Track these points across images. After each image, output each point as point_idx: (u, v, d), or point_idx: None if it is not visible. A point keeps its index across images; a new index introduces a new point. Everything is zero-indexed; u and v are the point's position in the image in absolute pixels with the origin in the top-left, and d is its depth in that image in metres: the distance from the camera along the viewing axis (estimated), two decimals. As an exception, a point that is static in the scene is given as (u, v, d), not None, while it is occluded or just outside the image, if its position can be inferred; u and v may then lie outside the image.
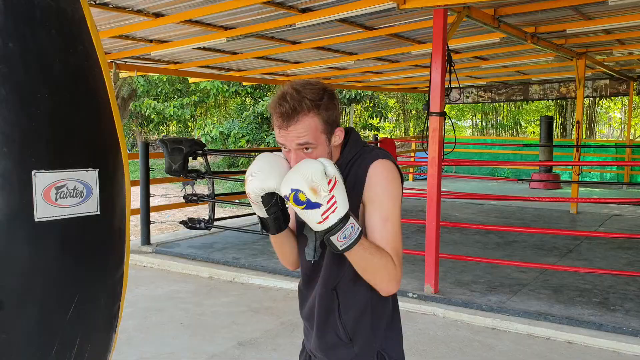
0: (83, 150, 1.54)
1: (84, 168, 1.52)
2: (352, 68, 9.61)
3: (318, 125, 1.53)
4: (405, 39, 7.09)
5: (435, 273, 4.96)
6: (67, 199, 1.48)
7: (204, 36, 6.19)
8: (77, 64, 1.55)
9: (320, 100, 1.52)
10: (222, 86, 17.91)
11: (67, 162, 1.49)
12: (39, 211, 1.43)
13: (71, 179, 1.49)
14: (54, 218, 1.46)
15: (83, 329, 1.58)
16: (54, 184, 1.45)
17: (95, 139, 1.58)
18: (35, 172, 1.42)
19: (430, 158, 4.96)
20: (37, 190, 1.42)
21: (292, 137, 1.51)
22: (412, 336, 4.20)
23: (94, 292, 1.60)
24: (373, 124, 20.58)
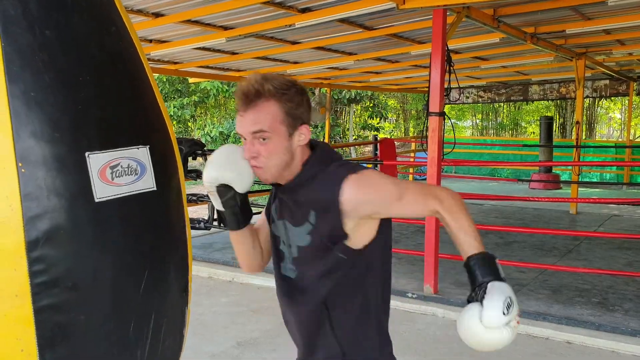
0: (132, 129, 1.57)
1: (135, 146, 1.54)
2: (351, 68, 9.61)
3: (277, 114, 1.43)
4: (404, 39, 7.09)
5: (435, 273, 4.96)
6: (123, 177, 1.50)
7: (204, 36, 6.19)
8: (113, 45, 1.58)
9: (286, 90, 1.44)
10: (222, 86, 17.91)
11: (117, 141, 1.51)
12: (97, 191, 1.45)
13: (124, 157, 1.51)
14: (114, 197, 1.48)
15: (157, 304, 1.61)
16: (109, 164, 1.48)
17: (142, 117, 1.61)
18: (88, 154, 1.44)
19: (430, 158, 4.96)
20: (92, 171, 1.44)
21: (248, 123, 1.43)
22: (412, 336, 4.20)
23: (162, 266, 1.63)
24: (373, 124, 20.59)
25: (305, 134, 1.49)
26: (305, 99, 1.49)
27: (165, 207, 1.66)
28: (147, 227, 1.59)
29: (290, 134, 1.46)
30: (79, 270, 1.45)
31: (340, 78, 11.28)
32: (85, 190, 1.44)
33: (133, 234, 1.55)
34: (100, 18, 1.57)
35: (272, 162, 1.46)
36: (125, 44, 1.63)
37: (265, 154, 1.45)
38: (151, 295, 1.59)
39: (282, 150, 1.45)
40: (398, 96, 22.36)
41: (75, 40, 1.49)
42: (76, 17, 1.51)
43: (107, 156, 1.48)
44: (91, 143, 1.46)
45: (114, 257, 1.51)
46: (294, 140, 1.47)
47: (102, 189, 1.46)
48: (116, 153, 1.50)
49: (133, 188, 1.53)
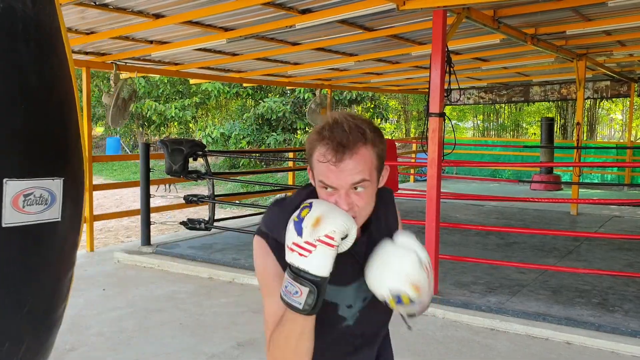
0: (52, 160, 1.59)
1: (51, 177, 1.56)
2: (352, 69, 9.62)
3: (374, 160, 1.30)
4: (405, 40, 7.09)
5: (435, 274, 4.95)
6: (33, 206, 1.52)
7: (205, 37, 6.20)
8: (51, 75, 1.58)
9: (373, 132, 1.31)
10: (223, 88, 17.96)
11: (37, 171, 1.53)
12: (6, 217, 1.47)
13: (39, 187, 1.53)
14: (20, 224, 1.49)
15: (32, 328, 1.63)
16: (23, 192, 1.50)
17: (63, 149, 1.61)
18: (6, 180, 1.46)
19: (430, 159, 4.96)
20: (6, 197, 1.46)
21: (348, 174, 1.26)
22: (411, 337, 4.20)
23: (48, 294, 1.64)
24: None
25: (385, 175, 1.39)
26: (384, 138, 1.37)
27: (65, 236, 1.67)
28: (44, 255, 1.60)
29: (379, 179, 1.36)
30: None
31: (341, 79, 11.28)
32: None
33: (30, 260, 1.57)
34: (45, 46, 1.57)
35: (366, 211, 1.33)
36: (63, 73, 1.63)
37: (361, 204, 1.30)
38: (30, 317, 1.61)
39: (373, 197, 1.34)
40: (399, 97, 22.37)
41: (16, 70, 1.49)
42: (22, 45, 1.50)
43: (23, 184, 1.50)
44: (12, 170, 1.48)
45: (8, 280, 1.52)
46: (379, 183, 1.37)
47: (11, 215, 1.48)
48: (33, 182, 1.52)
49: (40, 217, 1.55)
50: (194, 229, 6.65)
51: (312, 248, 1.21)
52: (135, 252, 6.60)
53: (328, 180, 1.28)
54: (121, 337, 4.21)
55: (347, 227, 1.23)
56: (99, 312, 4.73)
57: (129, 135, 23.30)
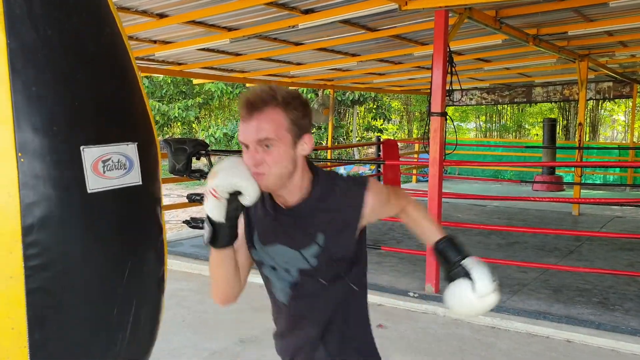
0: (122, 126, 1.66)
1: (125, 142, 1.64)
2: (355, 69, 9.65)
3: (283, 121, 1.43)
4: (407, 41, 7.12)
5: (436, 273, 4.99)
6: (113, 171, 1.59)
7: (208, 37, 6.24)
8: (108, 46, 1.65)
9: (291, 100, 1.45)
10: (226, 88, 18.00)
11: (110, 137, 1.60)
12: (90, 183, 1.54)
13: (115, 152, 1.61)
14: (104, 189, 1.58)
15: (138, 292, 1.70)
16: (101, 158, 1.57)
17: (132, 115, 1.68)
18: (83, 148, 1.53)
19: (432, 158, 4.99)
20: (86, 164, 1.53)
21: (253, 130, 1.42)
22: (413, 335, 4.23)
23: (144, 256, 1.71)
24: (376, 125, 20.60)
25: (308, 144, 1.49)
26: (309, 111, 1.50)
27: (149, 200, 1.75)
28: (132, 218, 1.68)
29: (294, 142, 1.46)
30: (69, 256, 1.54)
31: (343, 79, 11.32)
32: (78, 182, 1.52)
33: (119, 225, 1.64)
34: (97, 19, 1.64)
35: (275, 170, 1.44)
36: (118, 45, 1.70)
37: (269, 162, 1.43)
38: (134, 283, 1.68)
39: (286, 158, 1.45)
40: (402, 98, 22.39)
41: (74, 39, 1.56)
42: (75, 17, 1.57)
43: (100, 150, 1.57)
44: (86, 137, 1.55)
45: (102, 246, 1.60)
46: (297, 149, 1.47)
47: (95, 181, 1.55)
48: (108, 148, 1.59)
49: (122, 181, 1.62)
50: (197, 227, 6.68)
51: (208, 196, 1.41)
52: (139, 250, 6.63)
53: (241, 137, 1.45)
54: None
55: (233, 184, 1.39)
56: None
57: (132, 136, 23.33)
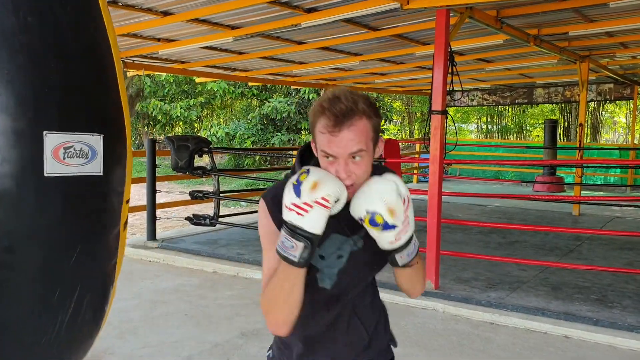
0: (90, 117, 1.69)
1: (90, 132, 1.67)
2: (356, 69, 9.70)
3: (370, 131, 1.41)
4: (409, 40, 7.18)
5: (436, 269, 5.03)
6: (73, 159, 1.63)
7: (211, 35, 6.29)
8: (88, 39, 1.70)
9: (371, 107, 1.42)
10: (228, 87, 18.06)
11: (75, 126, 1.64)
12: (48, 167, 1.57)
13: (79, 141, 1.64)
14: (61, 175, 1.61)
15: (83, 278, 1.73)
16: (63, 145, 1.60)
17: (103, 109, 1.72)
18: (46, 133, 1.57)
19: (432, 156, 5.04)
20: (47, 148, 1.57)
21: (346, 143, 1.37)
22: (412, 330, 4.28)
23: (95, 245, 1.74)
24: (378, 126, 20.65)
25: (380, 146, 1.49)
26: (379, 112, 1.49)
27: (108, 192, 1.77)
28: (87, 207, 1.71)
29: (374, 150, 1.46)
30: (18, 234, 1.58)
31: (345, 79, 11.37)
32: (36, 164, 1.56)
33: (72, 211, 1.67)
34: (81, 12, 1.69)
35: (362, 179, 1.43)
36: (100, 40, 1.74)
37: (358, 173, 1.41)
38: (80, 269, 1.71)
39: (369, 166, 1.45)
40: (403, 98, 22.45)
41: (54, 29, 1.61)
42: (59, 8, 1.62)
43: (63, 137, 1.60)
44: (51, 123, 1.59)
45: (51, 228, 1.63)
46: (375, 154, 1.48)
47: (52, 166, 1.59)
48: (72, 136, 1.62)
49: (81, 170, 1.66)
50: (199, 224, 6.75)
51: (309, 208, 1.34)
52: (141, 246, 6.69)
53: (329, 149, 1.39)
54: (128, 326, 4.30)
55: (340, 192, 1.36)
56: (106, 303, 4.82)
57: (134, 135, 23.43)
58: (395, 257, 1.43)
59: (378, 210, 1.35)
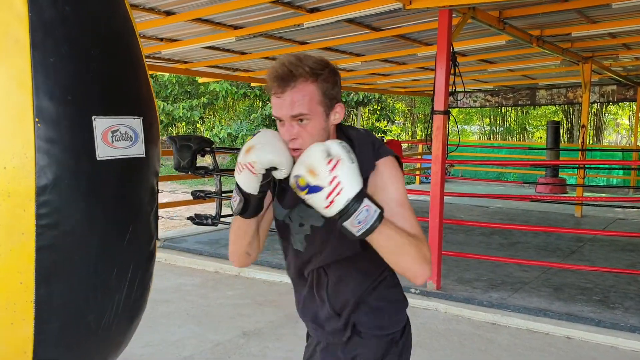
0: (130, 101, 1.77)
1: (132, 116, 1.74)
2: (359, 70, 9.71)
3: (315, 94, 1.43)
4: (412, 41, 7.18)
5: (438, 269, 5.03)
6: (120, 142, 1.70)
7: (214, 35, 6.30)
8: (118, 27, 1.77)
9: (322, 71, 1.44)
10: (231, 88, 18.07)
11: (119, 110, 1.71)
12: (100, 151, 1.65)
13: (123, 124, 1.72)
14: (112, 157, 1.68)
15: (135, 256, 1.80)
16: (110, 128, 1.68)
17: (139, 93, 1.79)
18: (94, 117, 1.64)
19: (434, 156, 5.04)
20: (97, 132, 1.64)
21: (287, 105, 1.41)
22: (414, 330, 4.22)
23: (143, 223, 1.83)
24: (380, 127, 20.65)
25: (339, 113, 1.49)
26: (339, 79, 1.50)
27: (149, 172, 1.85)
28: (134, 187, 1.79)
29: (327, 114, 1.47)
30: (76, 217, 1.64)
31: (347, 80, 11.38)
32: (88, 149, 1.63)
33: (123, 192, 1.75)
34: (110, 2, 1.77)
35: (311, 143, 1.41)
36: (128, 28, 1.82)
37: (305, 136, 1.43)
38: (132, 248, 1.79)
39: (320, 131, 1.45)
40: (406, 100, 22.45)
41: (89, 17, 1.68)
42: None
43: (109, 121, 1.68)
44: (97, 108, 1.66)
45: (106, 210, 1.70)
46: (330, 119, 1.48)
47: (104, 149, 1.66)
48: (117, 120, 1.70)
49: (128, 152, 1.73)
50: (201, 224, 6.73)
51: (241, 169, 1.43)
52: (143, 246, 6.69)
53: (275, 112, 1.46)
54: (129, 325, 4.30)
55: (271, 160, 1.40)
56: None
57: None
58: (345, 226, 1.31)
59: (299, 173, 1.32)
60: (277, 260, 5.85)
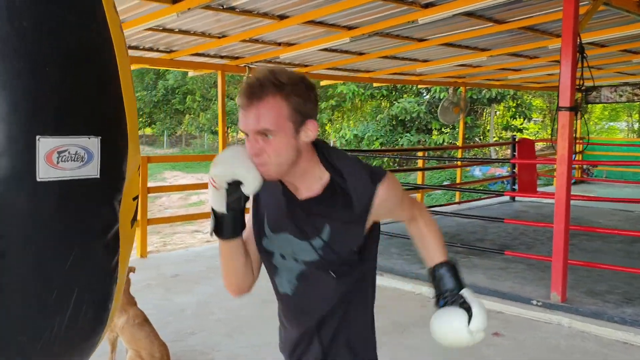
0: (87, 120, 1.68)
1: (87, 135, 1.66)
2: (485, 65, 9.25)
3: (283, 109, 1.36)
4: (540, 32, 6.69)
5: (563, 280, 4.61)
6: (68, 163, 1.62)
7: (328, 37, 6.29)
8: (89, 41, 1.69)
9: (293, 85, 1.37)
10: (357, 89, 18.14)
11: (70, 129, 1.63)
12: (40, 172, 1.58)
13: (73, 144, 1.63)
14: (55, 179, 1.61)
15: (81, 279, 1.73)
16: (57, 149, 1.60)
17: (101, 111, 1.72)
18: (39, 137, 1.57)
19: (559, 156, 4.64)
20: (40, 153, 1.58)
21: (252, 118, 1.36)
22: (531, 345, 3.94)
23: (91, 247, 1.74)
24: (516, 125, 19.65)
25: (312, 130, 1.42)
26: (314, 95, 1.42)
27: (105, 194, 1.75)
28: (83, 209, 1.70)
29: (297, 130, 1.39)
30: (10, 238, 1.59)
31: (475, 76, 10.91)
32: (29, 169, 1.56)
33: (68, 214, 1.66)
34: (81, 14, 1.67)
35: (276, 159, 1.39)
36: (103, 41, 1.72)
37: (269, 152, 1.38)
38: (77, 271, 1.70)
39: (287, 148, 1.39)
40: (544, 95, 21.18)
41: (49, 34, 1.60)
42: (56, 10, 1.62)
43: (57, 141, 1.60)
44: (45, 128, 1.58)
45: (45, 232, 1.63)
46: (300, 137, 1.40)
47: (46, 171, 1.58)
48: (67, 140, 1.61)
49: (77, 173, 1.64)
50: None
51: (210, 185, 1.41)
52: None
53: (240, 125, 1.41)
54: (237, 324, 4.39)
55: (233, 174, 1.37)
56: (222, 300, 4.97)
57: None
58: None
59: None
60: (390, 265, 5.71)
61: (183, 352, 3.92)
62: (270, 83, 1.35)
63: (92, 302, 1.77)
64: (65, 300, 1.70)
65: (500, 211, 9.49)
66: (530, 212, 9.20)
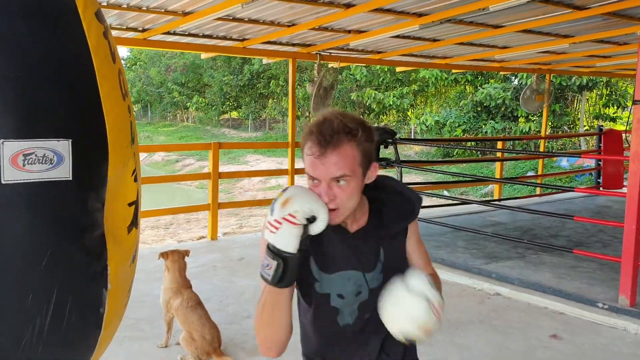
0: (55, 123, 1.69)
1: (55, 138, 1.67)
2: (570, 52, 8.79)
3: (357, 155, 1.39)
4: (627, 18, 6.28)
5: (633, 283, 4.36)
6: (35, 165, 1.64)
7: (398, 24, 6.19)
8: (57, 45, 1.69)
9: (362, 131, 1.39)
10: (441, 74, 17.75)
11: (38, 132, 1.65)
12: (5, 175, 1.61)
13: (41, 147, 1.65)
14: (21, 181, 1.63)
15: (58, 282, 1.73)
16: (22, 152, 1.63)
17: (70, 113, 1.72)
18: (3, 141, 1.60)
19: (633, 152, 4.36)
20: (4, 156, 1.61)
21: (329, 168, 1.36)
22: (590, 350, 3.77)
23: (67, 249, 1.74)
24: (608, 113, 18.57)
25: (373, 172, 1.47)
26: (373, 136, 1.45)
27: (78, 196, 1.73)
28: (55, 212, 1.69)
29: (364, 174, 1.44)
30: None
31: (560, 62, 10.38)
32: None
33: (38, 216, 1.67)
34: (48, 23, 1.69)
35: (348, 204, 1.41)
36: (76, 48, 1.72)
37: (343, 197, 1.39)
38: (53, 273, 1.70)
39: (358, 191, 1.43)
40: (642, 83, 19.83)
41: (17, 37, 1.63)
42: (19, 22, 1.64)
43: (22, 145, 1.61)
44: (9, 132, 1.60)
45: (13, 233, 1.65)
46: (365, 179, 1.45)
47: (11, 173, 1.60)
48: (33, 143, 1.63)
49: (45, 175, 1.65)
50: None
51: (279, 225, 1.33)
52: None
53: (312, 172, 1.39)
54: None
55: (312, 209, 1.33)
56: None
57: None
58: None
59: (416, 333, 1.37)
60: (452, 259, 5.60)
61: (237, 335, 4.04)
62: (342, 130, 1.37)
63: (76, 305, 1.78)
64: (44, 302, 1.72)
65: (582, 205, 9.07)
66: (614, 207, 8.71)
